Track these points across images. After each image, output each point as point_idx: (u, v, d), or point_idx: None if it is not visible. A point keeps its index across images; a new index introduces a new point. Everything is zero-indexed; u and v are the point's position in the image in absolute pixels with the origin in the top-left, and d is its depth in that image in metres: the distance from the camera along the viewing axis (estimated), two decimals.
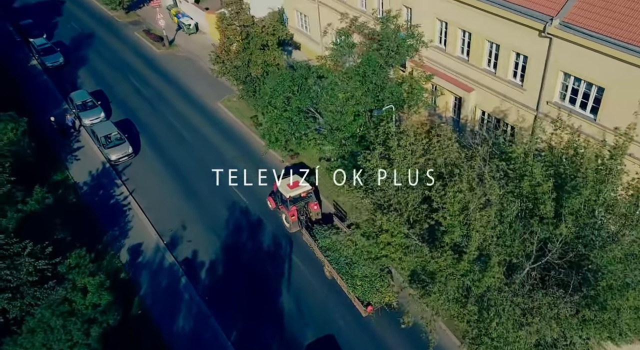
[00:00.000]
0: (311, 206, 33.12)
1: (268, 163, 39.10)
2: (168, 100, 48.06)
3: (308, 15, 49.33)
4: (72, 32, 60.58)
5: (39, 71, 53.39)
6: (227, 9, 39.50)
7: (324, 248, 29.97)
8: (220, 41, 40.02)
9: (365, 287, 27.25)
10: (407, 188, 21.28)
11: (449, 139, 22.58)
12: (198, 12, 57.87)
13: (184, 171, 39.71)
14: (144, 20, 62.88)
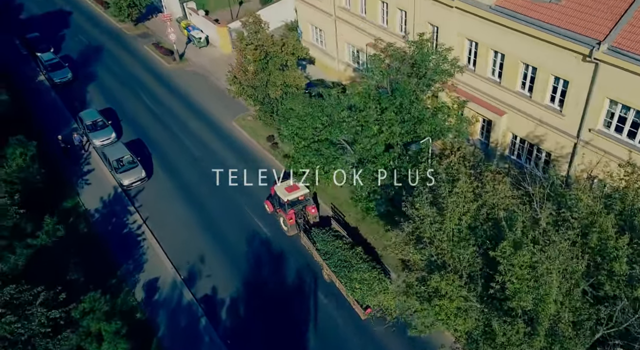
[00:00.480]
0: (309, 209, 32.59)
1: None
2: (180, 118, 45.47)
3: (324, 30, 46.78)
4: (79, 46, 57.93)
5: (46, 87, 50.74)
6: (245, 28, 36.79)
7: (322, 251, 29.44)
8: (238, 61, 37.41)
9: (364, 290, 26.80)
10: (462, 240, 18.71)
11: (501, 180, 20.02)
12: (209, 25, 55.24)
13: (198, 196, 37.20)
14: (153, 32, 60.23)
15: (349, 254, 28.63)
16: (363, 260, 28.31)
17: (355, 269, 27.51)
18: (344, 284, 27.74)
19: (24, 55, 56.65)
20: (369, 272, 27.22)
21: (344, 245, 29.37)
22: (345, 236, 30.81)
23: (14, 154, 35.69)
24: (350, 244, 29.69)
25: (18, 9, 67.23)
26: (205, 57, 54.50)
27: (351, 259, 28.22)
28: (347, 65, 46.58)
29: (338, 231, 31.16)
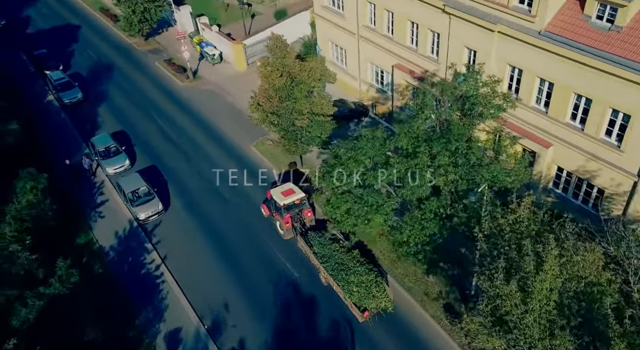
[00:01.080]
0: (305, 213, 32.08)
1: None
2: (196, 141, 42.19)
3: (346, 48, 43.40)
4: (89, 62, 54.54)
5: (56, 108, 47.40)
6: (270, 52, 33.46)
7: (319, 254, 28.89)
8: (262, 87, 34.06)
9: (362, 293, 26.33)
10: (550, 322, 15.46)
11: (592, 249, 16.78)
12: (223, 41, 51.89)
13: (219, 231, 34.03)
14: (164, 48, 56.83)
15: (346, 257, 28.11)
16: (360, 263, 27.78)
17: (352, 272, 26.98)
18: (341, 287, 27.11)
19: (31, 72, 53.26)
20: (366, 275, 26.75)
21: (340, 249, 28.75)
22: (342, 239, 30.06)
23: (24, 188, 32.40)
24: (347, 247, 29.15)
25: (24, 22, 63.81)
26: (220, 74, 51.14)
27: (348, 262, 27.66)
28: (369, 85, 43.24)
29: (334, 234, 30.43)
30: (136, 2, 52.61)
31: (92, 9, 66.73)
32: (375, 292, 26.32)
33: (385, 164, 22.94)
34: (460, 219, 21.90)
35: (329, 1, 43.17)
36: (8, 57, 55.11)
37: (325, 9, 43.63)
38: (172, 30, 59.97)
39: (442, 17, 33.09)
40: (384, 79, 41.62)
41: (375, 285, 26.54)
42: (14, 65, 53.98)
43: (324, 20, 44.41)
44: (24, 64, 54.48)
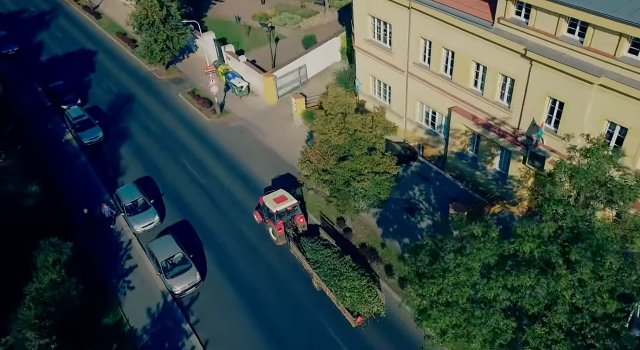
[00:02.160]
0: (297, 219, 30.81)
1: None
2: (230, 190, 36.49)
3: (391, 85, 37.45)
4: (108, 94, 48.58)
5: (75, 150, 41.46)
6: (328, 106, 27.66)
7: (311, 260, 27.82)
8: (317, 143, 28.22)
9: (354, 298, 25.37)
10: None
11: None
12: (252, 72, 45.96)
13: (267, 307, 28.38)
14: (186, 77, 50.83)
15: (338, 262, 26.92)
16: (352, 268, 26.56)
17: (344, 278, 25.93)
18: (334, 292, 26.11)
19: (47, 106, 47.21)
20: (359, 280, 25.71)
21: (333, 254, 27.55)
22: (334, 245, 28.82)
23: (45, 261, 26.68)
24: (339, 253, 27.81)
25: (38, 48, 57.71)
26: (248, 108, 45.22)
27: (341, 268, 26.56)
28: (417, 126, 37.36)
29: (327, 240, 29.20)
30: (158, 31, 46.57)
31: (107, 32, 60.68)
32: (368, 297, 25.31)
33: (501, 269, 17.05)
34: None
35: (374, 34, 37.22)
36: (22, 88, 49.17)
37: (368, 42, 37.71)
38: (193, 57, 54.08)
39: (520, 62, 27.27)
40: (436, 121, 35.78)
41: (368, 290, 25.50)
42: (28, 98, 48.09)
43: (366, 54, 38.50)
44: (39, 97, 48.46)
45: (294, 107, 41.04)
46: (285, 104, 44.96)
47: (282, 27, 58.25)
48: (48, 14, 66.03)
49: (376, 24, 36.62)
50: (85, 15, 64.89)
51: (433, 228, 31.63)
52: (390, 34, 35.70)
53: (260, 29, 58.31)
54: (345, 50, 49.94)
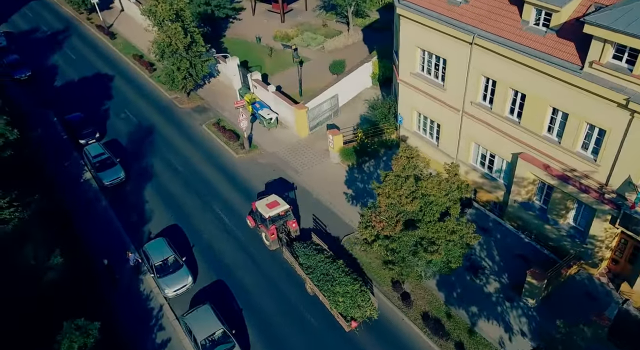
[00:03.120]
0: (290, 224, 29.87)
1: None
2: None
3: (440, 123, 32.45)
4: (127, 125, 43.52)
5: (94, 192, 36.39)
6: (398, 168, 22.64)
7: (304, 265, 26.72)
8: (382, 207, 23.23)
9: (347, 303, 24.48)
10: None
11: None
12: (282, 103, 40.86)
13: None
14: (209, 105, 45.75)
15: (331, 267, 25.85)
16: (345, 273, 25.50)
17: (337, 283, 24.92)
18: (327, 297, 25.13)
19: (64, 139, 42.11)
20: (351, 285, 24.73)
21: (325, 259, 26.37)
22: (326, 250, 27.54)
23: (70, 347, 21.69)
24: (332, 258, 26.60)
25: (51, 72, 52.55)
26: (279, 142, 40.19)
27: (334, 273, 25.53)
28: (471, 168, 32.38)
29: (319, 245, 27.92)
30: (181, 58, 41.44)
31: (123, 54, 55.49)
32: (361, 302, 24.36)
33: None
34: None
35: (422, 68, 32.22)
36: (36, 119, 44.09)
37: (415, 76, 32.68)
38: (215, 82, 49.09)
39: (615, 112, 22.33)
40: (495, 165, 30.85)
41: (361, 294, 24.51)
42: (43, 130, 42.98)
43: (412, 89, 33.49)
44: (54, 129, 43.31)
45: (331, 143, 36.06)
46: (318, 136, 40.01)
47: (305, 48, 53.27)
48: (61, 33, 60.89)
49: (426, 58, 31.62)
50: (99, 35, 59.71)
51: (502, 293, 26.74)
52: (443, 69, 30.70)
53: (283, 50, 53.40)
54: (377, 76, 44.94)
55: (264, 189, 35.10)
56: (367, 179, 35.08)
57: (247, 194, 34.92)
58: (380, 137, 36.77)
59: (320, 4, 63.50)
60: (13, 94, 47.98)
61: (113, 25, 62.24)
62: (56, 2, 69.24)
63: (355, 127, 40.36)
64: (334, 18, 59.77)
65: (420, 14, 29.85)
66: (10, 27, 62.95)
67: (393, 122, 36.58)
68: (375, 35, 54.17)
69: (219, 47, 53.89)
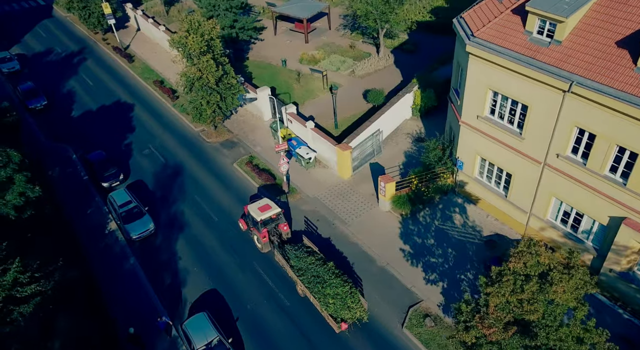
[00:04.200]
0: (281, 227, 28.83)
1: None
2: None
3: (512, 172, 26.99)
4: (152, 163, 38.07)
5: (121, 247, 30.99)
6: (518, 260, 17.23)
7: (295, 268, 25.64)
8: (490, 308, 17.81)
9: (337, 305, 23.55)
10: None
11: None
12: (321, 141, 35.36)
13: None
14: (238, 139, 40.25)
15: (322, 269, 24.88)
16: (335, 275, 24.52)
17: (328, 285, 24.05)
18: (317, 299, 24.19)
19: (84, 180, 36.59)
20: (341, 287, 23.82)
21: (316, 261, 25.46)
22: (317, 252, 26.65)
23: None
24: (322, 260, 25.64)
25: (67, 100, 47.00)
26: (319, 185, 34.76)
27: (324, 275, 24.59)
28: (548, 225, 26.98)
29: (310, 247, 27.05)
30: (211, 92, 35.93)
31: (142, 79, 49.88)
32: (350, 303, 23.61)
33: None
34: None
35: (493, 112, 26.82)
36: (54, 156, 38.60)
37: (483, 120, 27.25)
38: (242, 111, 43.60)
39: None
40: (582, 225, 25.46)
41: (350, 296, 23.78)
42: (61, 169, 37.48)
43: (477, 133, 28.07)
44: (74, 168, 37.80)
45: (383, 191, 30.64)
46: (361, 178, 34.65)
47: (334, 73, 47.82)
48: (76, 55, 55.23)
49: (499, 101, 26.18)
50: (116, 58, 54.03)
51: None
52: (522, 115, 25.29)
53: (311, 74, 47.90)
54: (419, 108, 39.49)
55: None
56: (424, 231, 29.73)
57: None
58: (434, 182, 31.33)
59: (344, 23, 58.02)
60: (28, 125, 42.46)
61: (130, 46, 56.55)
62: (70, 20, 63.52)
63: (400, 166, 35.09)
64: (360, 38, 54.28)
65: (497, 53, 24.38)
66: (23, 48, 57.29)
67: (450, 166, 31.14)
68: (406, 57, 48.83)
69: (243, 71, 48.50)
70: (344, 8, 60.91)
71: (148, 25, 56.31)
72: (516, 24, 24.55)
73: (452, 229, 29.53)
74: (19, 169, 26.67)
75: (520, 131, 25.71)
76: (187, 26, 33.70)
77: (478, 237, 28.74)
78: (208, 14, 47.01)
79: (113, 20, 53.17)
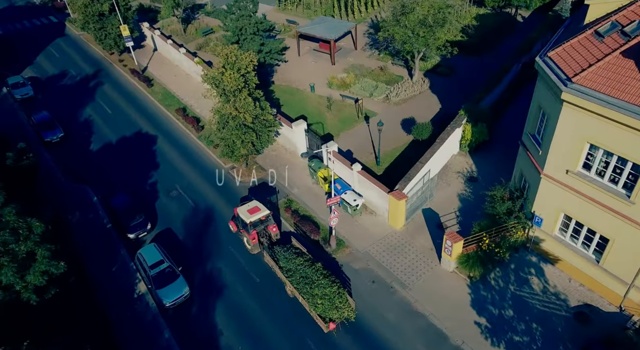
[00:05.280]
0: (270, 228, 27.74)
1: None
2: None
3: (612, 238, 21.75)
4: (180, 207, 32.95)
5: (154, 316, 25.86)
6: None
7: (284, 269, 24.93)
8: None
9: (326, 305, 23.00)
10: None
11: None
12: (370, 186, 30.11)
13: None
14: (272, 177, 34.93)
15: (310, 270, 24.21)
16: (323, 275, 23.95)
17: (316, 285, 23.49)
18: (306, 299, 23.51)
19: (108, 229, 31.35)
20: (329, 288, 23.35)
21: (305, 262, 24.68)
22: (306, 253, 25.68)
23: None
24: (311, 261, 24.81)
25: (85, 130, 41.99)
26: (369, 236, 29.62)
27: (312, 275, 23.96)
28: None
29: (299, 248, 26.05)
30: (246, 131, 30.70)
31: (163, 106, 44.55)
32: (338, 303, 22.92)
33: None
34: None
35: (589, 167, 21.61)
36: (74, 199, 33.34)
37: (575, 175, 22.04)
38: (274, 146, 38.38)
39: None
40: None
41: (338, 296, 23.07)
42: (81, 214, 32.28)
43: (565, 188, 22.84)
44: (95, 213, 32.56)
45: (449, 250, 25.47)
46: (415, 228, 29.60)
47: (366, 99, 42.67)
48: (91, 78, 49.89)
49: (600, 157, 20.97)
50: (134, 82, 48.69)
51: None
52: (632, 175, 20.07)
53: (342, 101, 42.71)
54: (469, 143, 34.30)
55: (370, 318, 24.65)
56: (499, 299, 24.65)
57: (352, 325, 24.31)
58: (504, 238, 26.17)
59: (369, 42, 52.76)
60: (44, 161, 37.23)
61: (147, 68, 51.19)
62: (84, 39, 58.09)
63: (457, 213, 30.01)
64: (388, 59, 49.03)
65: (607, 105, 19.15)
66: (36, 70, 51.92)
67: (523, 221, 25.95)
68: (442, 81, 43.74)
69: (270, 97, 43.29)
70: (366, 25, 55.73)
71: (167, 47, 50.96)
72: (631, 69, 19.31)
73: (531, 296, 24.42)
74: (41, 240, 21.42)
75: (629, 194, 20.55)
76: (222, 61, 28.36)
77: (564, 307, 23.64)
78: (234, 38, 41.70)
79: (131, 42, 47.83)
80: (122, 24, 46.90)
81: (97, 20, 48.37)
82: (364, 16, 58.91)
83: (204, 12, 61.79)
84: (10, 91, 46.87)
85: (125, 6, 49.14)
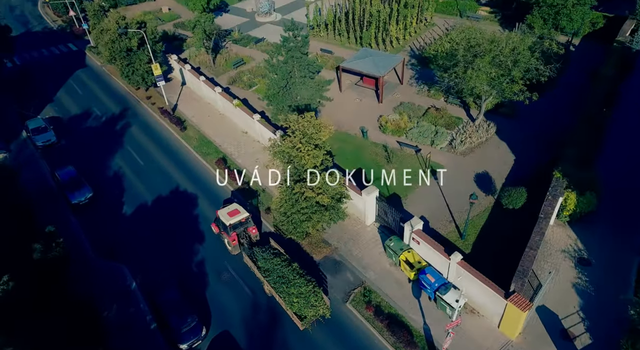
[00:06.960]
0: (250, 230, 26.89)
1: None
2: None
3: None
4: (236, 297, 25.64)
5: None
6: None
7: (263, 269, 24.16)
8: None
9: (301, 304, 22.39)
10: None
11: None
12: (476, 283, 22.56)
13: None
14: (340, 256, 27.69)
15: (287, 270, 23.57)
16: (300, 275, 23.28)
17: (292, 285, 22.78)
18: (283, 298, 22.79)
19: (152, 330, 23.73)
20: (305, 286, 22.68)
21: (282, 262, 23.98)
22: (283, 253, 24.80)
23: None
24: (288, 261, 24.10)
25: (116, 187, 34.49)
26: (475, 345, 21.99)
27: (289, 275, 23.28)
28: None
29: (277, 249, 25.11)
30: (317, 210, 23.07)
31: (200, 155, 36.97)
32: (314, 302, 22.29)
33: None
34: None
35: None
36: (110, 285, 25.97)
37: None
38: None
39: None
40: None
41: (314, 294, 22.42)
42: (120, 306, 24.69)
43: None
44: (136, 306, 24.96)
45: None
46: (534, 337, 22.10)
47: (426, 146, 35.25)
48: (118, 119, 42.22)
49: None
50: (164, 123, 41.07)
51: None
52: None
53: (401, 149, 35.22)
54: (573, 213, 26.84)
55: None
56: None
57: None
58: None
59: (414, 75, 45.30)
60: (72, 229, 29.63)
61: (177, 106, 43.52)
62: (106, 71, 50.31)
63: (582, 316, 22.50)
64: (440, 96, 41.55)
65: None
66: (57, 109, 44.24)
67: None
68: (507, 124, 36.55)
69: None
70: (405, 53, 48.16)
71: (199, 83, 43.23)
72: None
73: None
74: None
75: None
76: (298, 135, 20.73)
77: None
78: (282, 82, 34.01)
79: (163, 82, 40.06)
80: (154, 61, 39.11)
81: (124, 56, 40.57)
82: (402, 44, 51.33)
83: (231, 39, 54.02)
84: (30, 137, 39.14)
85: (154, 39, 41.35)
